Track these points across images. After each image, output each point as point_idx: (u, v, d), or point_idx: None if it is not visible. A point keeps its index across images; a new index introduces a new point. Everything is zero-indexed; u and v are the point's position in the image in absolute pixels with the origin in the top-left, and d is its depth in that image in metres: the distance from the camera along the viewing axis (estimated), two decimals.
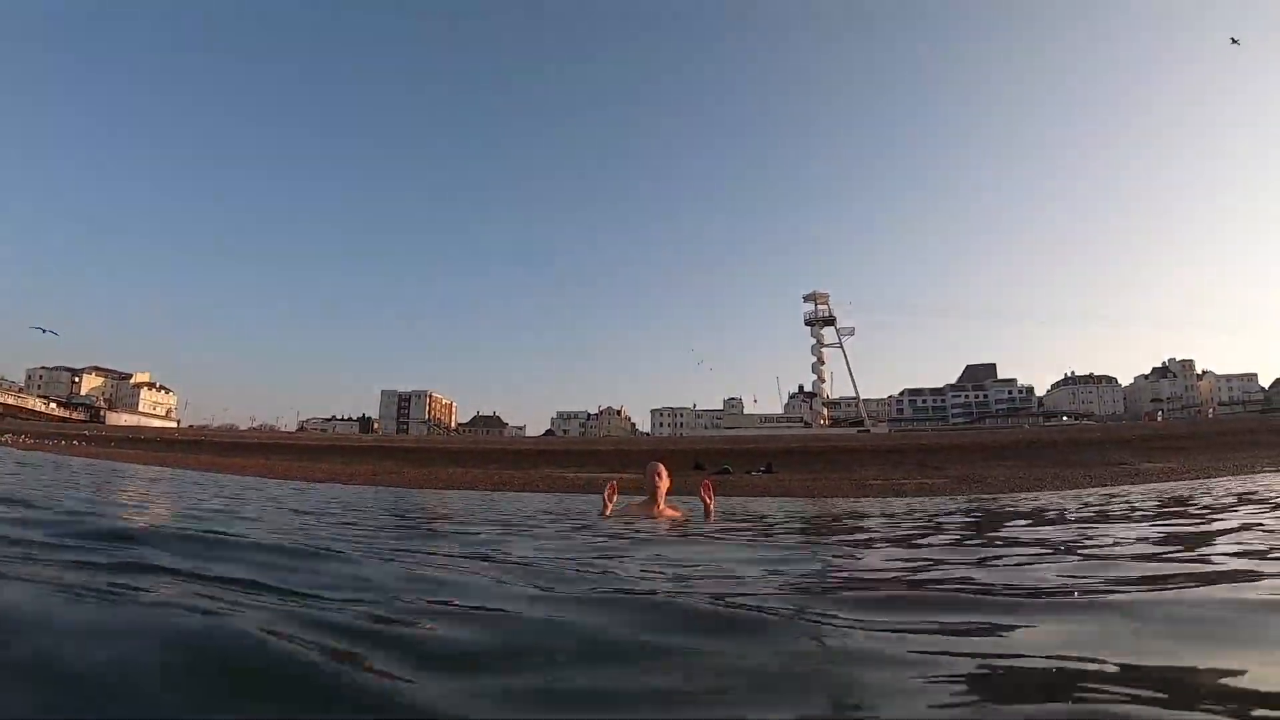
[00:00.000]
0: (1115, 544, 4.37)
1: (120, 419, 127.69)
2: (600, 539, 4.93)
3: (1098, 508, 7.52)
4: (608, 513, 7.50)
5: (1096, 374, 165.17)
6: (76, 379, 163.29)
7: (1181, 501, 6.57)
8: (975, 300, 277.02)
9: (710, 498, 7.54)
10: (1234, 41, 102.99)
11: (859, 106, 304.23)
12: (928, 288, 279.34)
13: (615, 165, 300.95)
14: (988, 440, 45.65)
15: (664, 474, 7.65)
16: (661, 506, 7.43)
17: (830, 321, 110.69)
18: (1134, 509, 7.03)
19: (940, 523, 6.79)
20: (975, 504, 10.04)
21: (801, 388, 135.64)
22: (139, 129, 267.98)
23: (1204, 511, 6.80)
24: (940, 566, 3.65)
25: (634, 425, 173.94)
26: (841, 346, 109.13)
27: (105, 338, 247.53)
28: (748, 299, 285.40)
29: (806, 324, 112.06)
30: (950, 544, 5.01)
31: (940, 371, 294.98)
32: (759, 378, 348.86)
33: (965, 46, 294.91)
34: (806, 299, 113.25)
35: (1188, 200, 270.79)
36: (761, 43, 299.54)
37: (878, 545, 5.05)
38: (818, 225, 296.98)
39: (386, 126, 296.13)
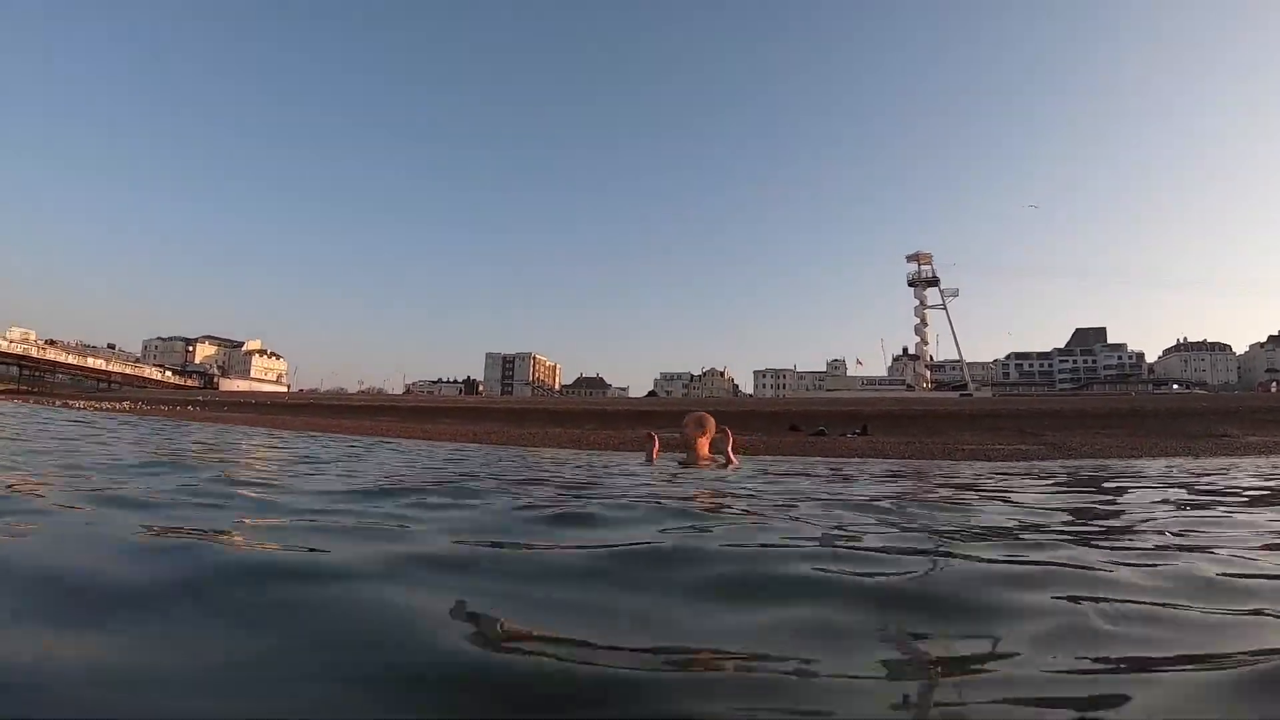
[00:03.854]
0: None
1: (233, 385, 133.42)
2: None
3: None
4: (655, 459, 7.23)
5: (1210, 341, 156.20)
6: (190, 348, 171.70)
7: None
8: (1087, 261, 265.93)
9: (729, 452, 7.13)
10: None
11: (970, 62, 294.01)
12: (1038, 248, 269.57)
13: (720, 130, 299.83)
14: (1090, 407, 43.48)
15: (699, 424, 7.21)
16: (704, 456, 7.09)
17: (934, 282, 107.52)
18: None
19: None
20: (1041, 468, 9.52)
21: (906, 350, 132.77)
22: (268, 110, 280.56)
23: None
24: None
25: (736, 386, 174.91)
26: (945, 308, 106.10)
27: (218, 308, 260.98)
28: (856, 259, 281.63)
29: (909, 285, 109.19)
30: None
31: (1049, 335, 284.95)
32: (864, 340, 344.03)
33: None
34: (910, 259, 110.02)
35: None
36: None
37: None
38: (926, 182, 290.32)
39: (505, 97, 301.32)
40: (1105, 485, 5.89)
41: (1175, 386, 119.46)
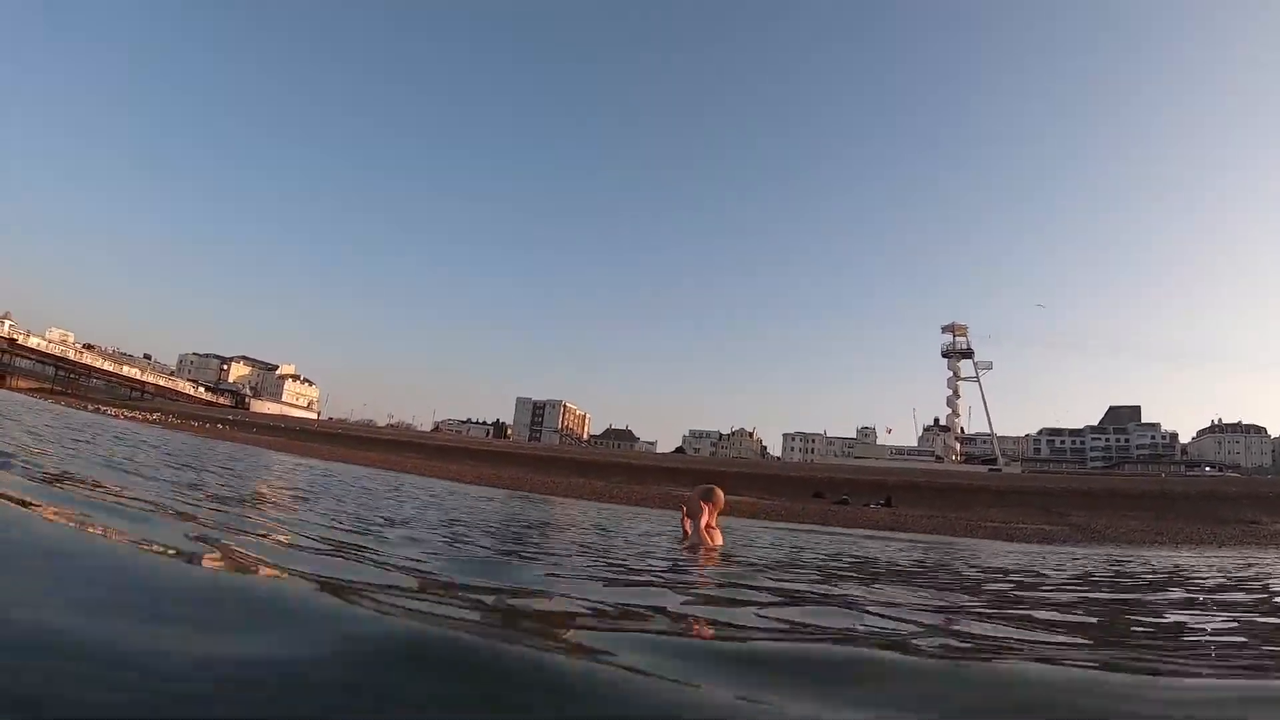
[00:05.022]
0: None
1: (264, 407, 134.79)
2: None
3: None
4: (687, 540, 7.29)
5: (1245, 422, 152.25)
6: (225, 366, 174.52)
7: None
8: (1123, 338, 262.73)
9: (705, 535, 7.16)
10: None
11: (1013, 137, 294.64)
12: (1074, 323, 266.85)
13: (763, 197, 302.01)
14: (1118, 488, 43.02)
15: (706, 496, 7.31)
16: (710, 527, 7.24)
17: (968, 354, 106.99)
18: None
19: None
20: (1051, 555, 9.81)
21: (937, 420, 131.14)
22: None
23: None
24: None
25: (764, 448, 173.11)
26: (978, 380, 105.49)
27: (255, 330, 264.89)
28: (889, 328, 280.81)
29: (943, 355, 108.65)
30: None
31: (1082, 411, 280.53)
32: (896, 408, 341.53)
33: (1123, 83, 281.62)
34: (945, 330, 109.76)
35: None
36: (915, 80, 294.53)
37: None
38: (963, 253, 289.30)
39: (558, 151, 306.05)
40: None
41: (1208, 469, 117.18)
